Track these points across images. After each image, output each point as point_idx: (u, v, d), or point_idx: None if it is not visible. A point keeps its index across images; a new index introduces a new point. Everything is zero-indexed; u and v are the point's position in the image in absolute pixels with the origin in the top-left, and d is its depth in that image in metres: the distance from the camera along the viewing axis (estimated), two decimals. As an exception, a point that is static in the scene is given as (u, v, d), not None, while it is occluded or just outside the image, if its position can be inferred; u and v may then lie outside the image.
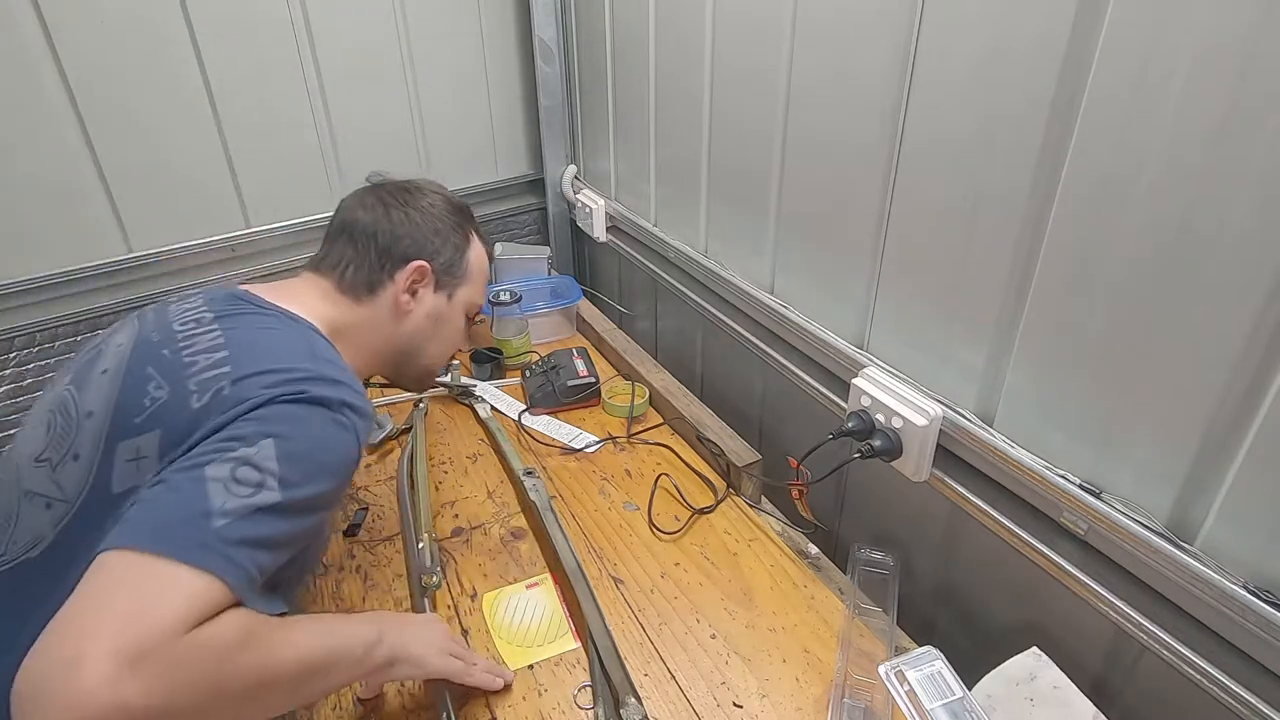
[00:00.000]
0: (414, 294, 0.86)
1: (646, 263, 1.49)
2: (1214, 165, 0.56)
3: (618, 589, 0.94)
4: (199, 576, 0.53)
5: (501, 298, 1.43)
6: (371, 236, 0.84)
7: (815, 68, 0.94)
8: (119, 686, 0.47)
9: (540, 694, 0.81)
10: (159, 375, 0.66)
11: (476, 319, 0.98)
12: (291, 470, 0.60)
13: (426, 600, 0.91)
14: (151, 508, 0.56)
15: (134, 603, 0.50)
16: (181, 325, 0.72)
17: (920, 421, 0.85)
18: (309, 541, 0.65)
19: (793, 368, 1.10)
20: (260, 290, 0.78)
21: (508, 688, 0.81)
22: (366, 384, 0.89)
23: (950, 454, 0.87)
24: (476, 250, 0.94)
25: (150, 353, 0.69)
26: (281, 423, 0.62)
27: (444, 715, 0.77)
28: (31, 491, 0.66)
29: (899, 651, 0.82)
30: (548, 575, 0.97)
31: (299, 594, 0.81)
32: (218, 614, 0.53)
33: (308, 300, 0.80)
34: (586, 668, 0.84)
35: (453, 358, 1.12)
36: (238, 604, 0.55)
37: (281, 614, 0.61)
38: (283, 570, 0.62)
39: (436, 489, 1.13)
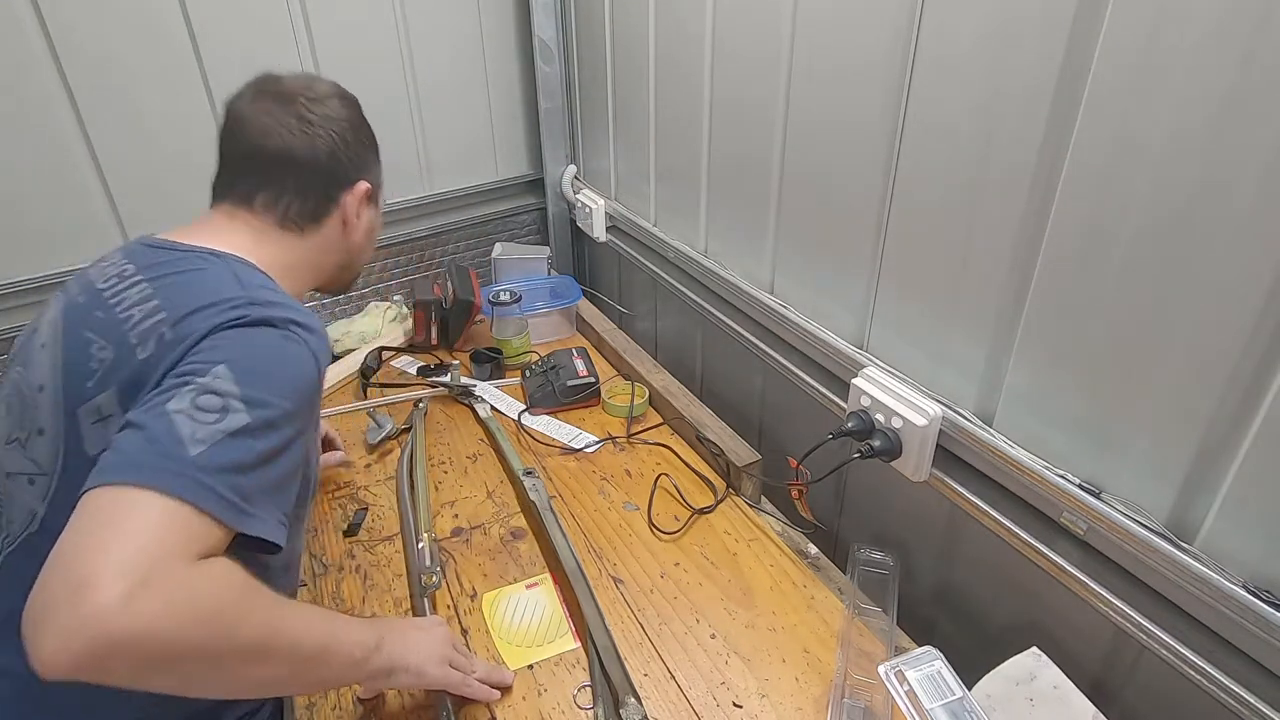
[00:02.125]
0: (359, 215, 0.84)
1: (646, 263, 1.49)
2: (1214, 165, 0.56)
3: (617, 589, 0.94)
4: (180, 504, 0.53)
5: (501, 298, 1.43)
6: (310, 164, 0.79)
7: (815, 67, 0.94)
8: (135, 604, 0.47)
9: (540, 694, 0.81)
10: (98, 336, 0.66)
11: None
12: (251, 389, 0.59)
13: (426, 600, 0.91)
14: (124, 448, 0.55)
15: (128, 530, 0.50)
16: (105, 283, 0.70)
17: (920, 421, 0.85)
18: (290, 468, 0.64)
19: (792, 368, 1.10)
20: (178, 235, 0.76)
21: (508, 689, 0.81)
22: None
23: (950, 454, 0.87)
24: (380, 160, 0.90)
25: (82, 316, 0.68)
26: (230, 347, 0.61)
27: (444, 715, 0.77)
28: (12, 473, 0.67)
29: (899, 651, 0.82)
30: (547, 575, 0.97)
31: (299, 539, 0.80)
32: (215, 554, 0.55)
33: (239, 242, 0.76)
34: (586, 668, 0.84)
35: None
36: (231, 537, 0.56)
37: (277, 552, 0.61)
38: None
39: (436, 489, 1.13)
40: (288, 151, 0.78)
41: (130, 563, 0.48)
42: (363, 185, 0.83)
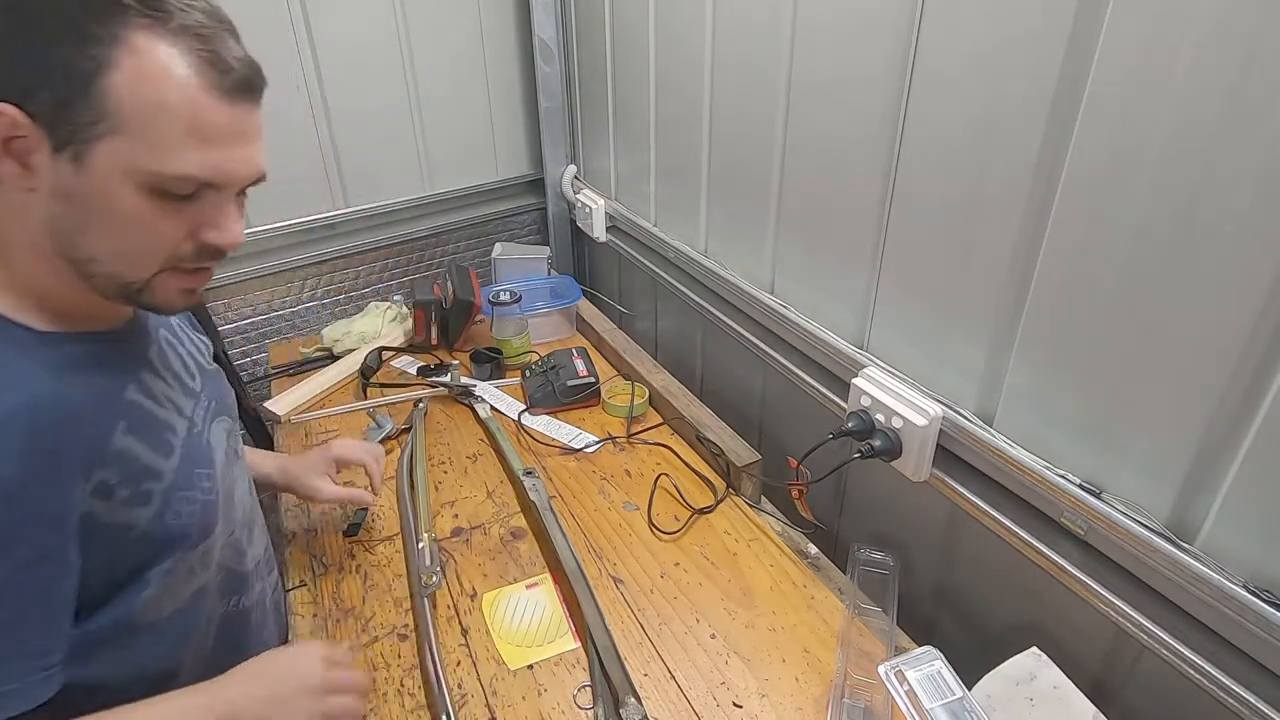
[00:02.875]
0: (25, 164, 0.51)
1: (646, 263, 1.49)
2: (1213, 166, 0.56)
3: (617, 589, 0.94)
4: None
5: (501, 298, 1.43)
6: None
7: (815, 67, 0.94)
8: None
9: (540, 694, 0.81)
10: None
11: (196, 193, 0.55)
12: None
13: (426, 600, 0.91)
14: None
15: None
16: None
17: (920, 421, 0.85)
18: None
19: (793, 368, 1.10)
20: None
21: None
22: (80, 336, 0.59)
23: (950, 454, 0.87)
24: (143, 67, 0.50)
25: None
26: None
27: (444, 715, 0.77)
28: None
29: (899, 651, 0.82)
30: (547, 575, 0.97)
31: (169, 598, 0.65)
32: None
33: None
34: (586, 668, 0.84)
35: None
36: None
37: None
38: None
39: (436, 489, 1.13)
40: None
41: None
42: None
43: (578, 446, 1.21)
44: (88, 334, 0.59)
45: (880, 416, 0.90)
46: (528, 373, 1.37)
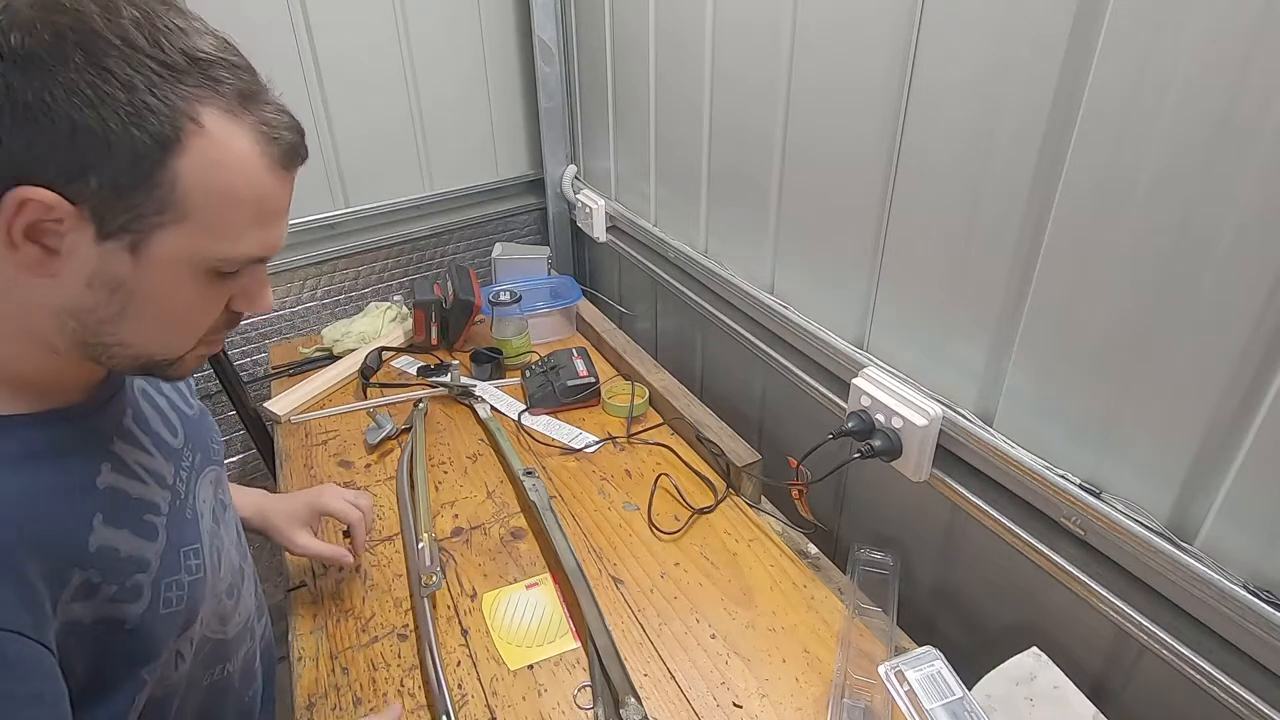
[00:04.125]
0: (49, 246, 0.45)
1: (646, 263, 1.49)
2: (1213, 165, 0.56)
3: (617, 589, 0.94)
4: None
5: (501, 298, 1.43)
6: None
7: (816, 68, 0.94)
8: None
9: (540, 694, 0.81)
10: None
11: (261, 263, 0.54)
12: None
13: (426, 600, 0.91)
14: None
15: None
16: None
17: (920, 421, 0.85)
18: None
19: (793, 368, 1.10)
20: None
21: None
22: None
23: (950, 454, 0.87)
24: (211, 151, 0.46)
25: None
26: None
27: (444, 716, 0.77)
28: None
29: (899, 651, 0.82)
30: (548, 575, 0.97)
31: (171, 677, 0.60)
32: None
33: None
34: (586, 668, 0.84)
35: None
36: None
37: None
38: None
39: (436, 489, 1.13)
40: None
41: None
42: (26, 193, 0.42)
43: (578, 446, 1.21)
44: (51, 413, 0.51)
45: (880, 416, 0.90)
46: (528, 373, 1.37)
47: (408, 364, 1.45)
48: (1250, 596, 0.60)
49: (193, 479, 0.65)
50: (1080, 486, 0.73)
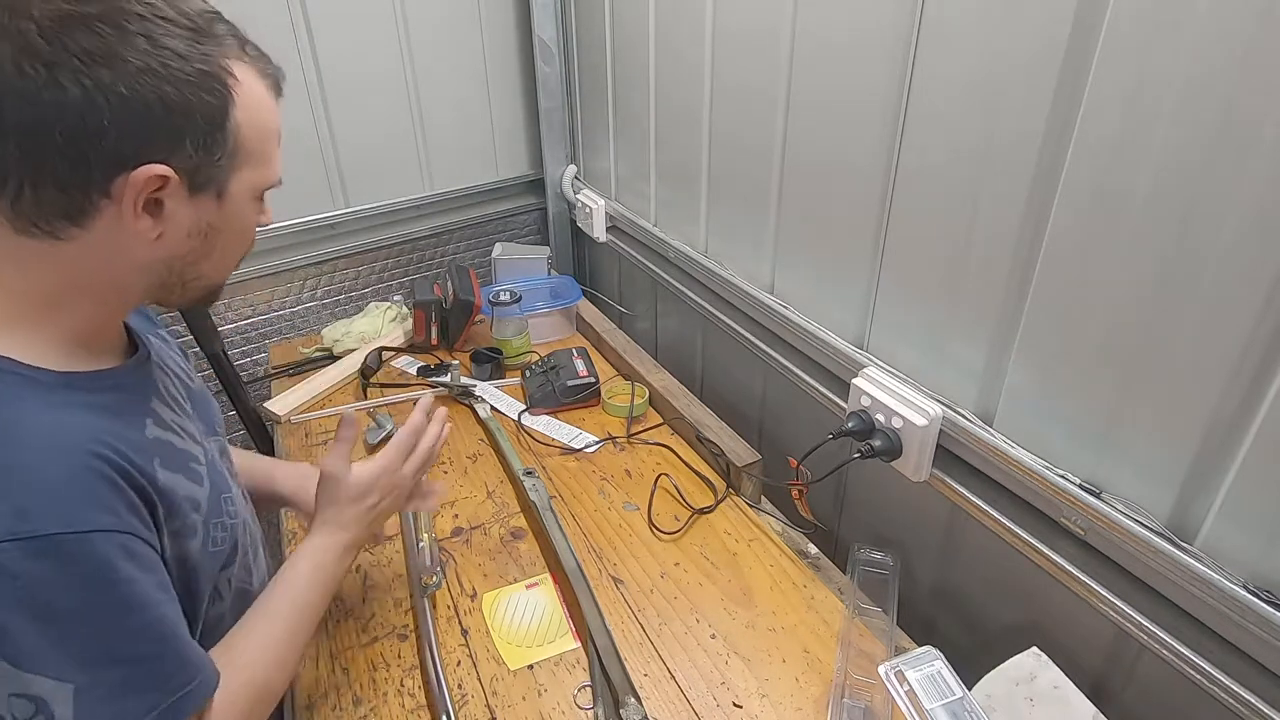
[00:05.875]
0: (155, 213, 0.53)
1: (646, 263, 1.49)
2: (1213, 166, 0.56)
3: (617, 589, 0.94)
4: None
5: (501, 298, 1.43)
6: (43, 129, 0.47)
7: (816, 69, 0.94)
8: None
9: (540, 694, 0.81)
10: None
11: (267, 192, 0.62)
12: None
13: (426, 600, 0.91)
14: None
15: None
16: None
17: (920, 421, 0.85)
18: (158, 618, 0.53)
19: (793, 368, 1.10)
20: None
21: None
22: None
23: (950, 454, 0.87)
24: (247, 96, 0.54)
25: None
26: None
27: (444, 716, 0.77)
28: None
29: (899, 651, 0.82)
30: (548, 575, 0.97)
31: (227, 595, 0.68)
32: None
33: None
34: (586, 668, 0.84)
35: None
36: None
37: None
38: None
39: (436, 489, 1.13)
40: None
41: None
42: (144, 170, 0.50)
43: (578, 446, 1.21)
44: (104, 372, 0.58)
45: (880, 416, 0.90)
46: (528, 373, 1.37)
47: (408, 364, 1.45)
48: (1250, 596, 0.60)
49: (207, 443, 0.70)
50: (1080, 486, 0.73)
